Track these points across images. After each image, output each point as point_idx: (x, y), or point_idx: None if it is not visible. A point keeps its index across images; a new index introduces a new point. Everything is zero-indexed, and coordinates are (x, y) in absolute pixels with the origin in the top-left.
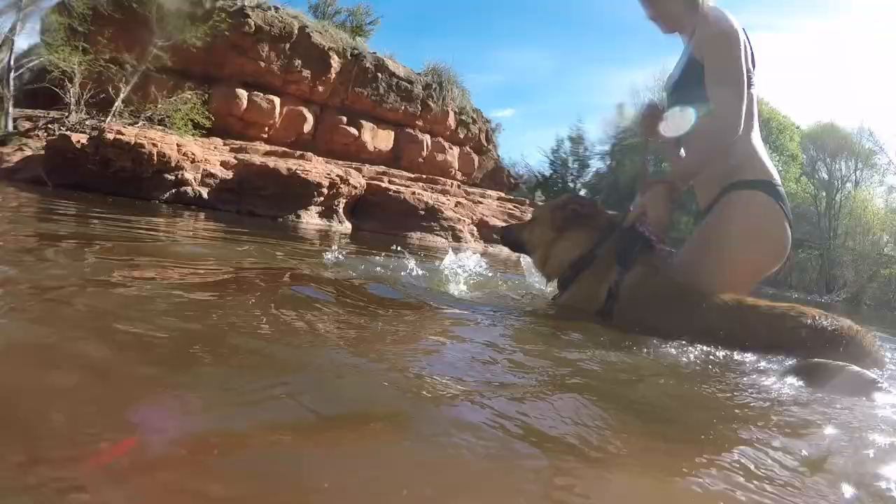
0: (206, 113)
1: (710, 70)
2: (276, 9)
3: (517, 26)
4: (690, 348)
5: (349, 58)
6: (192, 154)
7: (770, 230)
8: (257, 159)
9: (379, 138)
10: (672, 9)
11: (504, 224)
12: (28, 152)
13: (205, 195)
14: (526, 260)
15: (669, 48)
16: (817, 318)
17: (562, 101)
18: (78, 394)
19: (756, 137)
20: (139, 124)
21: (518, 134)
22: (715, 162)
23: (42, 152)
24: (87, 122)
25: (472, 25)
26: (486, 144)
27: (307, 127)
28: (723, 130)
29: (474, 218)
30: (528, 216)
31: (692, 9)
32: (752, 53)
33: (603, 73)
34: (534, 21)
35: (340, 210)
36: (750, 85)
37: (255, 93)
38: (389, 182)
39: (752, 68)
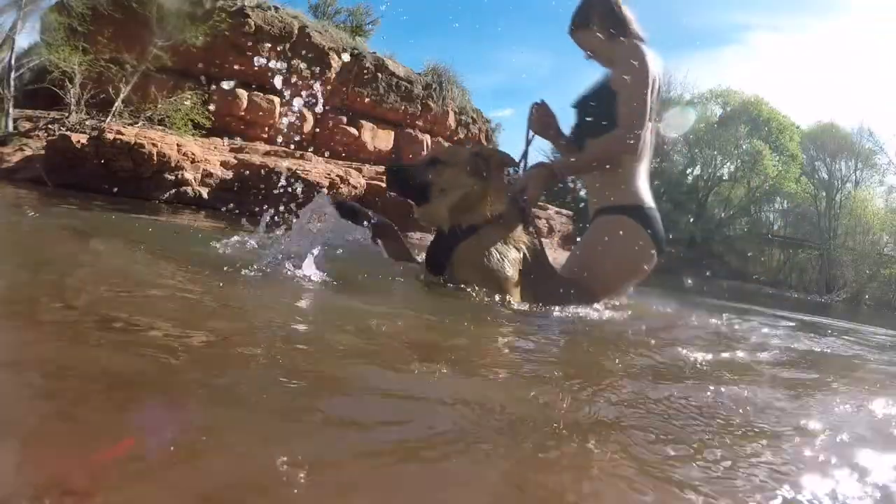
0: (207, 113)
1: (624, 102)
2: (276, 9)
3: (516, 26)
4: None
5: (349, 58)
6: (192, 154)
7: (627, 248)
8: (257, 159)
9: (379, 138)
10: (594, 44)
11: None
12: (28, 152)
13: (205, 195)
14: None
15: (666, 47)
16: None
17: (561, 100)
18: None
19: (642, 165)
20: (139, 124)
21: (518, 134)
22: (600, 186)
23: (42, 152)
24: (87, 123)
25: (472, 25)
26: (486, 144)
27: (307, 127)
28: (626, 149)
29: None
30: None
31: (611, 42)
32: (660, 89)
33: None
34: (533, 21)
35: None
36: (650, 118)
37: (255, 93)
38: None
39: (653, 104)
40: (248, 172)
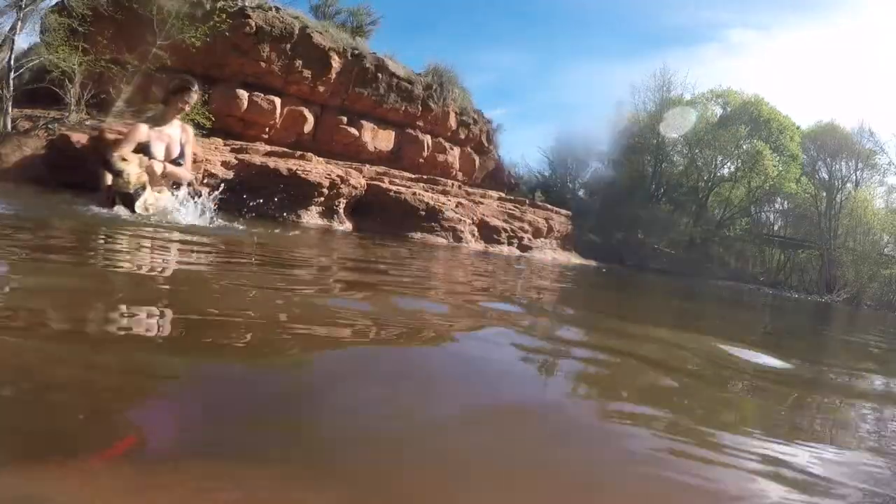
0: (207, 113)
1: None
2: (277, 9)
3: (506, 25)
4: None
5: (350, 58)
6: (193, 154)
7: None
8: (257, 159)
9: (379, 138)
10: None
11: (505, 223)
12: (28, 152)
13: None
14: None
15: (647, 46)
16: None
17: (553, 98)
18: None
19: None
20: None
21: (514, 133)
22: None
23: (42, 152)
24: (87, 123)
25: (465, 26)
26: (486, 145)
27: (307, 127)
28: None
29: (475, 218)
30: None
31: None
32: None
33: (594, 71)
34: (523, 20)
35: (341, 210)
36: None
37: (256, 93)
38: (390, 182)
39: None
40: (248, 173)
